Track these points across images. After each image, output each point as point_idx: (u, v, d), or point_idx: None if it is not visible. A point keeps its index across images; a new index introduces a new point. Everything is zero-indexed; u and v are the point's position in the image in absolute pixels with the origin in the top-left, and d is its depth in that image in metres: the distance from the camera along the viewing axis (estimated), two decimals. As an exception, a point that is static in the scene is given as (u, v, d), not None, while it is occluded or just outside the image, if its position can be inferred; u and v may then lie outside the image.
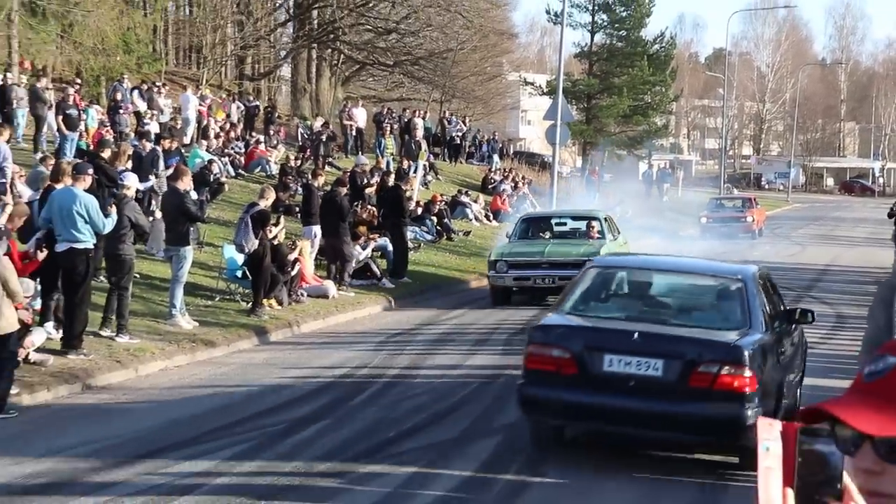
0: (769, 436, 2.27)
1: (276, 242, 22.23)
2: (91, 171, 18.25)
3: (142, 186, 22.55)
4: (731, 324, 11.80)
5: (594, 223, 27.75)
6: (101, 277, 19.13)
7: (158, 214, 23.96)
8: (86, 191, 16.95)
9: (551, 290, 24.81)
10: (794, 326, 13.47)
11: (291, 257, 22.74)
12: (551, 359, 11.56)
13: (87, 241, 16.61)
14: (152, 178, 23.94)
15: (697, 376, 10.94)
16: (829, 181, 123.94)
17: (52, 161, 21.09)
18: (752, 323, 11.65)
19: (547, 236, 28.39)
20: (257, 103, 48.65)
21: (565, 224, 29.77)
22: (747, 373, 10.81)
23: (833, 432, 2.18)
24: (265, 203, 22.31)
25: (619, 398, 11.14)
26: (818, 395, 14.40)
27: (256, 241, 21.33)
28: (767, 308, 12.23)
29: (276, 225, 22.19)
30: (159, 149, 25.18)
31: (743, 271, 13.05)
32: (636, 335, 11.36)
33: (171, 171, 23.63)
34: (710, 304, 12.87)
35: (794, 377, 13.65)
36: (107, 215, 16.84)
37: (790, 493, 2.22)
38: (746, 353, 10.96)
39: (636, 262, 14.81)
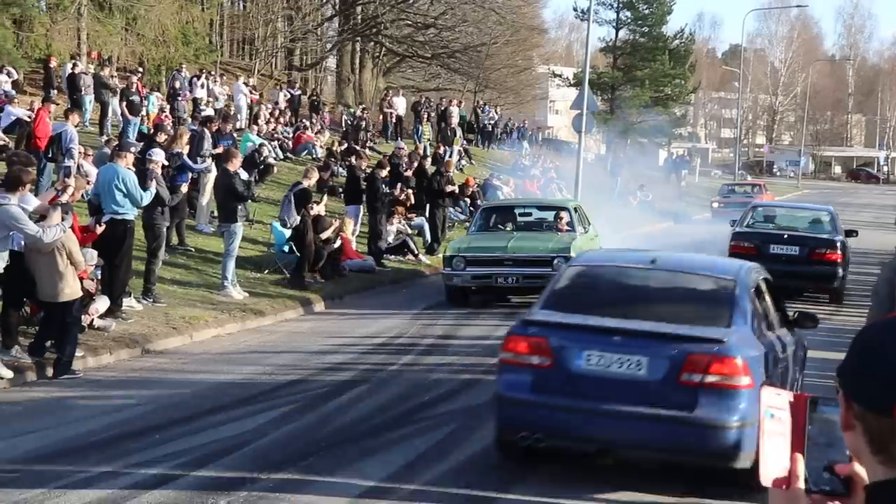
0: (775, 403, 2.28)
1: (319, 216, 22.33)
2: (134, 150, 18.42)
3: (199, 167, 22.64)
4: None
5: (563, 214, 23.12)
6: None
7: (209, 192, 24.10)
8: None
9: (514, 290, 21.55)
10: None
11: (325, 235, 22.68)
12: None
13: (126, 212, 16.76)
14: (208, 159, 23.97)
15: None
16: (837, 169, 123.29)
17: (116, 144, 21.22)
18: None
19: (510, 228, 23.50)
20: (300, 92, 48.66)
21: (531, 215, 24.99)
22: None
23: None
24: (308, 182, 22.42)
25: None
26: (823, 367, 14.35)
27: (298, 217, 21.49)
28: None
29: (318, 203, 22.24)
30: (206, 131, 25.17)
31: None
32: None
33: (221, 152, 23.78)
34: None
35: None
36: (145, 189, 16.96)
37: (800, 457, 2.23)
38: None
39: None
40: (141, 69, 39.87)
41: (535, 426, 9.89)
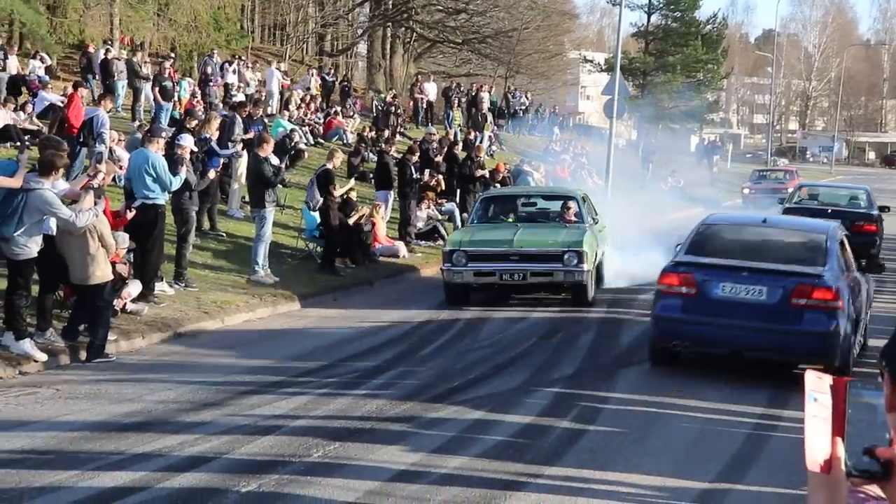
0: (818, 387, 2.29)
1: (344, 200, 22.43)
2: (165, 135, 18.55)
3: (226, 153, 22.73)
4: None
5: (571, 204, 21.19)
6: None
7: (240, 177, 24.20)
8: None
9: (520, 287, 19.80)
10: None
11: (352, 220, 22.75)
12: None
13: (157, 197, 16.87)
14: (238, 145, 24.07)
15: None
16: (871, 155, 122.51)
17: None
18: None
19: (513, 220, 21.55)
20: (331, 78, 48.74)
21: (535, 204, 22.98)
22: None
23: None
24: (331, 164, 22.48)
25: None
26: (863, 353, 14.34)
27: (320, 199, 21.62)
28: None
29: (340, 186, 22.25)
30: (238, 117, 25.27)
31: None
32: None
33: (252, 137, 23.89)
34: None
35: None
36: (175, 174, 17.06)
37: (840, 441, 2.24)
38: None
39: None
40: (173, 55, 39.95)
41: (685, 337, 14.40)
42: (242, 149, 23.80)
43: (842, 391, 2.26)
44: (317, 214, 22.34)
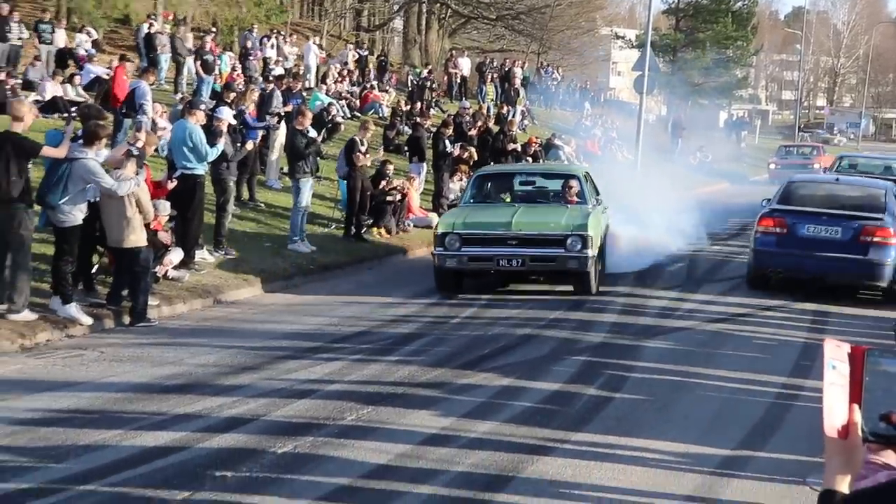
0: (836, 356, 2.32)
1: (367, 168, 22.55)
2: (204, 107, 18.61)
3: (260, 125, 22.80)
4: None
5: (573, 183, 18.79)
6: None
7: (278, 149, 24.27)
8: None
9: (519, 274, 17.68)
10: None
11: (381, 187, 22.86)
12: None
13: (195, 167, 16.97)
14: (273, 118, 24.12)
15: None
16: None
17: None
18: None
19: (510, 200, 19.52)
20: (367, 53, 48.73)
21: (534, 183, 20.40)
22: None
23: None
24: (362, 135, 22.58)
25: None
26: (878, 325, 14.32)
27: (346, 167, 21.76)
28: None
29: (365, 154, 22.26)
30: (276, 90, 25.36)
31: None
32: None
33: (290, 110, 23.97)
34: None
35: None
36: (212, 145, 17.15)
37: (856, 408, 2.27)
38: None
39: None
40: (214, 29, 39.99)
41: (777, 265, 18.91)
42: (278, 122, 23.88)
43: (859, 360, 2.29)
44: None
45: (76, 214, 13.68)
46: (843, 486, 2.27)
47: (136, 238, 13.96)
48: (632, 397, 11.26)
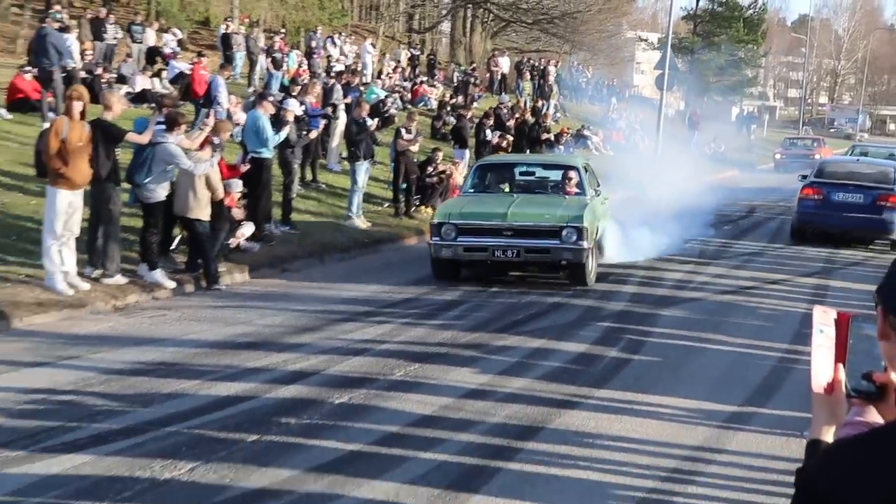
0: (824, 321, 2.31)
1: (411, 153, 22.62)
2: (273, 99, 18.75)
3: (318, 112, 22.85)
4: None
5: (572, 174, 16.86)
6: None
7: (338, 136, 24.33)
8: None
9: (514, 265, 15.77)
10: None
11: (429, 170, 22.86)
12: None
13: (263, 151, 17.06)
14: (339, 108, 24.16)
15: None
16: (892, 126, 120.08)
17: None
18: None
19: (509, 190, 17.46)
20: (418, 52, 48.68)
21: (533, 174, 18.12)
22: None
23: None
24: (407, 124, 22.74)
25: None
26: (867, 297, 14.21)
27: (393, 152, 21.91)
28: None
29: (409, 141, 22.29)
30: (337, 84, 25.43)
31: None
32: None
33: (350, 102, 24.00)
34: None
35: None
36: (277, 133, 17.23)
37: (841, 367, 2.26)
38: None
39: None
40: (283, 30, 40.06)
41: (815, 222, 22.49)
42: (333, 112, 23.94)
43: (845, 324, 2.28)
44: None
45: (160, 192, 13.81)
46: (828, 436, 2.28)
47: (200, 212, 14.05)
48: (648, 359, 11.25)
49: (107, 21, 31.19)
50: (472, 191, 17.08)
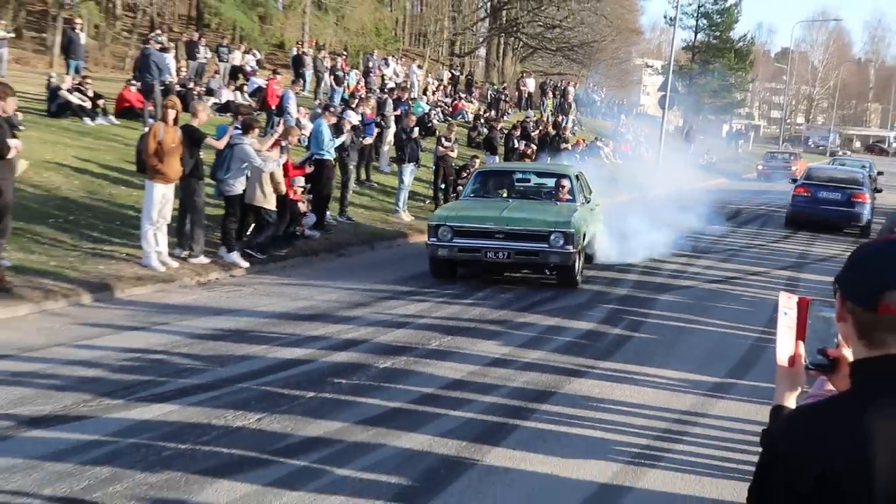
0: (788, 305, 2.33)
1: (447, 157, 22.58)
2: (334, 110, 18.85)
3: (368, 122, 22.92)
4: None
5: (564, 182, 15.52)
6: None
7: (389, 141, 24.35)
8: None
9: (505, 265, 14.21)
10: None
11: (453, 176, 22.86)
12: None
13: (325, 154, 17.13)
14: (385, 119, 24.16)
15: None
16: (857, 144, 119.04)
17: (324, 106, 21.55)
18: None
19: (506, 195, 15.94)
20: (458, 73, 48.58)
21: (529, 181, 16.79)
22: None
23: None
24: (447, 133, 22.80)
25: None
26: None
27: (434, 157, 22.37)
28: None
29: (446, 147, 22.31)
30: (389, 99, 25.43)
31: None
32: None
33: (399, 114, 23.98)
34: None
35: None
36: (335, 138, 17.34)
37: (802, 344, 2.30)
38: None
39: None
40: (345, 52, 40.07)
41: (804, 214, 24.83)
42: (384, 122, 23.99)
43: (804, 308, 2.31)
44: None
45: (237, 186, 13.86)
46: (790, 402, 2.31)
47: (266, 202, 14.11)
48: (646, 336, 11.19)
49: (199, 43, 31.35)
50: (472, 195, 15.77)
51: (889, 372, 2.03)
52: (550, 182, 16.04)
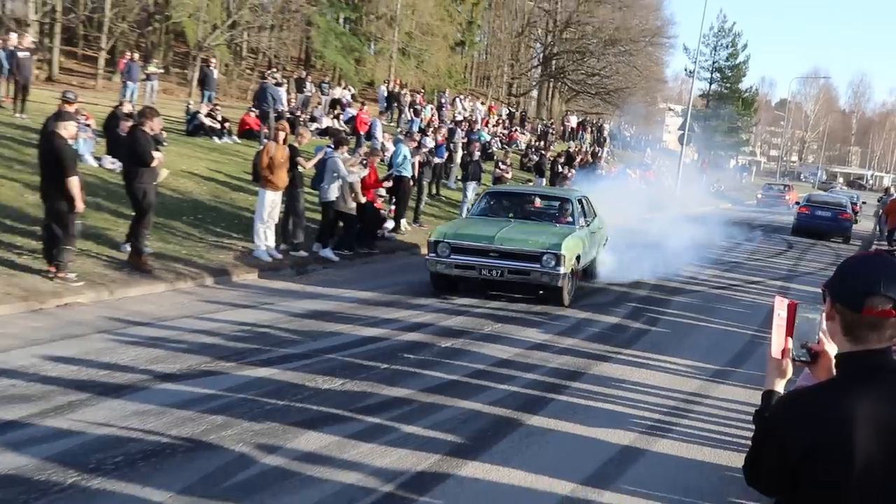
0: (781, 307, 2.33)
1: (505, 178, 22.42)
2: (412, 136, 18.91)
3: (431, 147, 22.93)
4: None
5: (566, 205, 13.64)
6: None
7: (456, 162, 24.32)
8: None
9: (499, 283, 12.22)
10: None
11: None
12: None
13: (403, 171, 17.17)
14: (454, 145, 24.15)
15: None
16: (840, 179, 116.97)
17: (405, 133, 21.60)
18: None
19: (511, 216, 13.59)
20: (514, 109, 48.46)
21: (533, 202, 14.54)
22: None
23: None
24: (502, 157, 22.70)
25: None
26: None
27: (493, 177, 21.96)
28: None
29: (502, 169, 22.25)
30: (458, 129, 25.46)
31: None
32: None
33: (466, 141, 23.95)
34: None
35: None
36: (411, 159, 17.50)
37: (790, 339, 2.30)
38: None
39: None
40: (423, 90, 40.21)
41: (805, 226, 27.53)
42: (453, 147, 24.00)
43: (793, 310, 2.31)
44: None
45: (330, 193, 13.90)
46: (780, 387, 2.32)
47: (347, 206, 14.07)
48: (661, 330, 11.03)
49: (306, 80, 31.65)
50: (477, 214, 13.77)
51: (868, 363, 2.09)
52: (554, 204, 14.10)
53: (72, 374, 7.00)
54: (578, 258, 12.40)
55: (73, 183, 9.68)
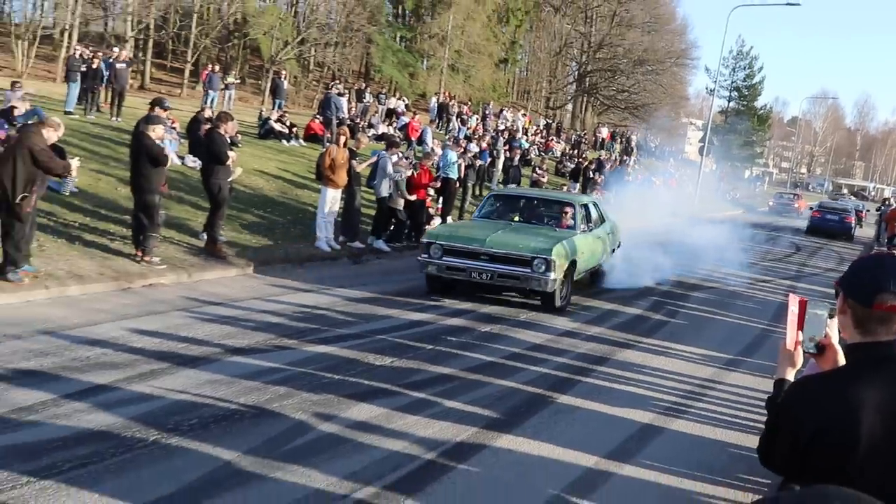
0: (794, 304, 2.30)
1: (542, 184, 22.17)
2: (460, 143, 18.81)
3: (489, 153, 22.79)
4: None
5: (568, 209, 11.84)
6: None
7: (499, 168, 24.19)
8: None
9: (489, 287, 10.75)
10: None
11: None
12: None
13: (450, 173, 17.11)
14: (497, 151, 24.03)
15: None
16: (845, 190, 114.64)
17: (452, 140, 21.54)
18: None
19: (513, 218, 11.99)
20: (551, 121, 48.15)
21: (537, 206, 12.46)
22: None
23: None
24: (539, 162, 22.51)
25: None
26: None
27: (531, 181, 21.69)
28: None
29: (540, 177, 22.05)
30: (501, 138, 25.31)
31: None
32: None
33: (507, 148, 23.84)
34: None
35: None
36: (457, 163, 17.44)
37: (801, 333, 2.27)
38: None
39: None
40: (469, 102, 40.14)
41: (817, 226, 29.77)
42: (496, 153, 23.85)
43: (803, 306, 2.29)
44: None
45: (382, 190, 13.89)
46: (790, 375, 2.29)
47: (396, 203, 14.06)
48: (680, 322, 10.86)
49: (365, 91, 31.75)
50: (481, 217, 12.27)
51: (876, 353, 2.05)
52: (556, 209, 12.20)
53: (154, 345, 7.08)
54: (574, 263, 10.94)
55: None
